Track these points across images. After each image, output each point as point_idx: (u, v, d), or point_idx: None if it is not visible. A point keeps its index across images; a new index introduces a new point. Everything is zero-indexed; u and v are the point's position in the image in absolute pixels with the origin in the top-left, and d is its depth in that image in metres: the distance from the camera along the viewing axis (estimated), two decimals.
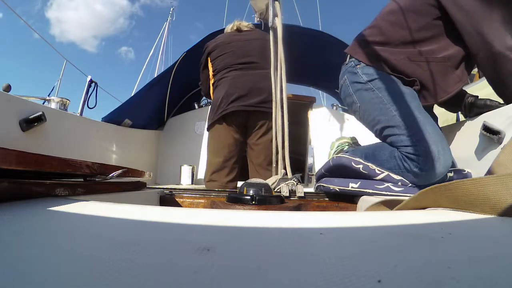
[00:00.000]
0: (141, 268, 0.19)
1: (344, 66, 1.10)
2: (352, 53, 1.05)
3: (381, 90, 0.92)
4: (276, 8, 1.12)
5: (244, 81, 1.40)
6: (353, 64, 1.03)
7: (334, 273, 0.18)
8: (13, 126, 0.75)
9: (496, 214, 0.32)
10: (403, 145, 0.82)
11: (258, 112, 1.36)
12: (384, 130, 0.89)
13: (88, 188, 0.56)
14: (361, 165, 0.84)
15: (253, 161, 1.42)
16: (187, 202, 0.84)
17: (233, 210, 0.41)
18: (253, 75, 1.42)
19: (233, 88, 1.39)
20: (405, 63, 0.95)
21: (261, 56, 1.43)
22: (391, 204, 0.55)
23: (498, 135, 0.84)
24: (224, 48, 1.50)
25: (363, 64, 1.00)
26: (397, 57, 0.96)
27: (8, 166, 0.37)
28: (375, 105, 0.92)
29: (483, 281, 0.17)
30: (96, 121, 1.37)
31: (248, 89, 1.37)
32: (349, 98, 1.03)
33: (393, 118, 0.87)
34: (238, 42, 1.50)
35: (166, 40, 17.11)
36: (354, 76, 1.01)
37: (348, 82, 1.03)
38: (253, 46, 1.49)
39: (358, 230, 0.30)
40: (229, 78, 1.43)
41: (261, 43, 1.47)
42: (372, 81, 0.95)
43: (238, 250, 0.23)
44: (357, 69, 1.01)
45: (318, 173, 1.04)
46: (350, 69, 1.04)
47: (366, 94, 0.96)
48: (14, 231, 0.27)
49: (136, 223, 0.32)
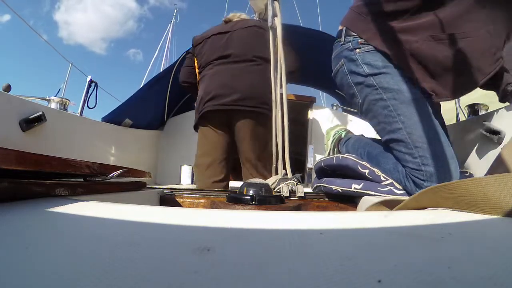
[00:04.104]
0: (141, 268, 0.19)
1: (338, 44, 0.87)
2: (352, 27, 0.81)
3: (386, 91, 0.76)
4: (276, 8, 1.11)
5: (221, 78, 1.29)
6: (351, 46, 0.81)
7: (334, 273, 0.18)
8: (13, 126, 0.75)
9: (496, 214, 0.32)
10: (408, 166, 0.72)
11: (237, 111, 1.25)
12: (388, 141, 0.79)
13: (88, 188, 0.56)
14: (368, 170, 0.80)
15: (245, 163, 1.34)
16: (187, 202, 0.84)
17: (233, 210, 0.41)
18: (231, 69, 1.29)
19: (210, 86, 1.29)
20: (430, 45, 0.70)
21: (242, 46, 1.31)
22: (391, 204, 0.55)
23: (498, 135, 0.84)
24: (206, 42, 1.39)
25: (366, 48, 0.78)
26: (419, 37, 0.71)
27: (8, 166, 0.37)
28: (379, 109, 0.78)
29: (483, 281, 0.17)
30: (96, 121, 1.37)
31: (224, 86, 1.26)
32: (349, 89, 0.86)
33: (398, 132, 0.74)
34: (220, 35, 1.38)
35: (171, 42, 17.15)
36: (353, 65, 0.82)
37: (346, 70, 0.84)
38: (233, 37, 1.35)
39: (358, 230, 0.30)
40: (208, 75, 1.33)
41: (243, 33, 1.34)
42: (375, 76, 0.77)
43: (238, 250, 0.23)
44: (357, 55, 0.80)
45: (317, 166, 0.98)
46: (347, 52, 0.83)
47: (369, 91, 0.80)
48: (14, 231, 0.27)
49: (136, 223, 0.32)
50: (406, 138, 0.73)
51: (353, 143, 1.02)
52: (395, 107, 0.75)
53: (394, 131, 0.76)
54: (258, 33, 1.34)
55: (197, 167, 1.39)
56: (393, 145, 0.77)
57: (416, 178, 0.71)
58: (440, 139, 0.73)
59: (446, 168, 0.70)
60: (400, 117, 0.74)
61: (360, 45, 0.80)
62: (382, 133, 0.81)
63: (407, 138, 0.73)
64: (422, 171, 0.70)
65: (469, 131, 0.99)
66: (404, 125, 0.73)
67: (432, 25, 0.71)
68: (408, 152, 0.73)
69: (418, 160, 0.71)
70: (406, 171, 0.74)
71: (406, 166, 0.73)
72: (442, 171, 0.69)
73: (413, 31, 0.72)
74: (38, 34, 2.92)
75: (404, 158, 0.74)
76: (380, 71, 0.77)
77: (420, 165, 0.70)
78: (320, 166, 0.96)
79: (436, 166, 0.69)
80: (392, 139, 0.77)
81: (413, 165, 0.72)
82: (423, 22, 0.72)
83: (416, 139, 0.72)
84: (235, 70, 1.29)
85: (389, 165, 0.79)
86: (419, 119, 0.73)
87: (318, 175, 1.00)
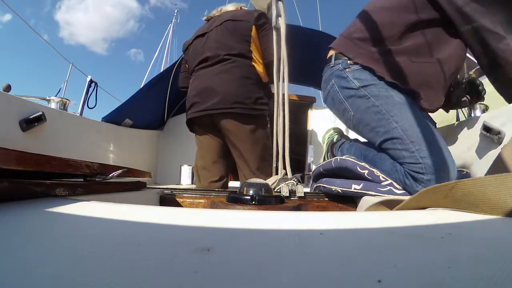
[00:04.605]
0: (141, 268, 0.19)
1: (328, 68, 0.97)
2: (343, 51, 0.91)
3: (377, 98, 0.82)
4: (280, 8, 1.11)
5: (200, 83, 1.27)
6: (340, 67, 0.91)
7: (334, 273, 0.18)
8: (13, 126, 0.75)
9: (496, 214, 0.32)
10: (406, 162, 0.75)
11: (218, 114, 1.22)
12: (384, 143, 0.81)
13: (88, 188, 0.56)
14: (367, 170, 0.80)
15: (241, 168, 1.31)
16: (187, 202, 0.84)
17: (233, 210, 0.41)
18: (210, 73, 1.26)
19: (191, 92, 1.29)
20: (408, 65, 0.84)
21: (215, 47, 1.27)
22: (391, 204, 0.55)
23: (498, 135, 0.84)
24: (190, 47, 1.38)
25: (355, 67, 0.88)
26: (400, 58, 0.84)
27: (8, 166, 0.37)
28: (371, 115, 0.83)
29: (483, 281, 0.17)
30: (96, 121, 1.37)
31: (202, 92, 1.25)
32: (340, 105, 0.92)
33: (393, 131, 0.78)
34: (199, 38, 1.35)
35: (171, 42, 17.15)
36: (344, 81, 0.89)
37: (337, 88, 0.91)
38: (209, 39, 1.31)
39: (358, 230, 0.30)
40: (191, 81, 1.34)
41: (216, 32, 1.29)
42: (365, 87, 0.85)
43: (238, 250, 0.23)
44: (347, 73, 0.88)
45: (316, 171, 0.98)
46: (337, 72, 0.92)
47: (360, 102, 0.86)
48: (14, 231, 0.27)
49: (136, 223, 0.32)
50: (402, 135, 0.77)
51: (348, 148, 1.03)
52: (388, 110, 0.81)
53: (389, 131, 0.79)
54: (230, 28, 1.29)
55: (195, 167, 1.41)
56: (389, 145, 0.80)
57: (415, 173, 0.72)
58: (433, 134, 0.77)
59: (443, 160, 0.72)
60: (394, 118, 0.79)
61: (349, 65, 0.89)
62: (376, 137, 0.84)
63: (403, 134, 0.77)
64: (421, 163, 0.72)
65: (469, 131, 0.99)
66: (398, 124, 0.78)
67: (408, 50, 0.85)
68: (404, 148, 0.75)
69: (416, 154, 0.73)
70: (404, 168, 0.75)
71: (404, 163, 0.75)
72: (440, 163, 0.72)
73: (396, 53, 0.85)
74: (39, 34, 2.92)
75: (401, 155, 0.76)
76: (370, 83, 0.85)
77: (417, 158, 0.73)
78: (319, 172, 0.96)
79: (433, 158, 0.72)
80: (387, 139, 0.80)
81: (410, 159, 0.74)
82: (402, 48, 0.85)
83: (411, 134, 0.76)
84: (211, 73, 1.26)
85: (387, 166, 0.80)
86: (411, 117, 0.78)
87: (315, 180, 0.99)
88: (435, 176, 0.71)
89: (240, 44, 1.25)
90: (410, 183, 0.73)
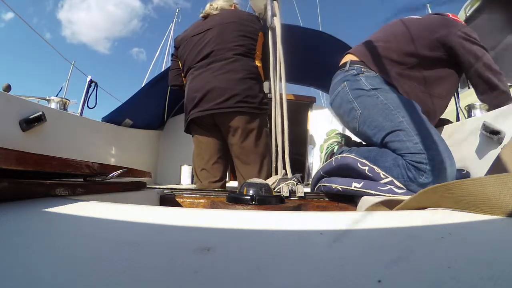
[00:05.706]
0: (141, 268, 0.19)
1: (342, 72, 1.03)
2: (362, 58, 1.01)
3: (386, 98, 0.90)
4: (275, 7, 1.11)
5: (201, 82, 1.25)
6: (354, 72, 0.98)
7: (334, 273, 0.18)
8: (13, 126, 0.75)
9: (496, 214, 0.32)
10: (408, 152, 0.78)
11: (220, 114, 1.21)
12: (388, 136, 0.85)
13: (88, 188, 0.56)
14: (367, 167, 0.81)
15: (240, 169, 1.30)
16: (187, 202, 0.84)
17: (233, 210, 0.41)
18: (211, 71, 1.24)
19: (192, 92, 1.26)
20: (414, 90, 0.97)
21: (218, 42, 1.26)
22: (391, 204, 0.55)
23: (498, 135, 0.84)
24: (186, 44, 1.34)
25: (369, 73, 0.96)
26: (411, 83, 0.97)
27: (8, 166, 0.37)
28: (379, 111, 0.89)
29: (483, 281, 0.17)
30: (96, 121, 1.37)
31: (205, 90, 1.22)
32: (348, 105, 0.98)
33: (400, 124, 0.83)
34: (198, 36, 1.32)
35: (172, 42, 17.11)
36: (356, 83, 0.97)
37: (348, 89, 0.98)
38: (210, 36, 1.28)
39: (358, 230, 0.30)
40: (189, 80, 1.30)
41: (219, 30, 1.28)
42: (376, 89, 0.93)
43: (238, 250, 0.23)
44: (360, 77, 0.96)
45: (316, 176, 0.98)
46: (350, 77, 0.99)
47: (370, 100, 0.92)
48: (14, 231, 0.27)
49: (136, 223, 0.32)
50: (407, 127, 0.82)
51: (349, 151, 1.03)
52: (395, 106, 0.87)
53: (396, 125, 0.84)
54: (235, 29, 1.28)
55: (193, 168, 1.40)
56: (393, 137, 0.84)
57: (418, 163, 0.75)
58: (436, 131, 0.83)
59: (444, 152, 0.76)
60: (401, 113, 0.85)
61: (363, 71, 0.98)
62: (381, 131, 0.87)
63: (408, 127, 0.82)
64: (424, 153, 0.76)
65: (469, 131, 0.99)
66: (405, 119, 0.84)
67: (418, 80, 0.99)
68: (409, 139, 0.80)
69: (420, 145, 0.77)
70: (406, 160, 0.77)
71: (407, 154, 0.78)
72: (441, 155, 0.75)
73: (408, 78, 0.98)
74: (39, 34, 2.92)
75: (405, 146, 0.79)
76: (380, 87, 0.93)
77: (421, 148, 0.77)
78: (319, 175, 0.96)
79: (435, 150, 0.76)
80: (392, 131, 0.84)
81: (414, 149, 0.77)
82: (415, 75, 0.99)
83: (416, 127, 0.81)
84: (214, 72, 1.24)
85: (388, 162, 0.82)
86: (417, 116, 0.85)
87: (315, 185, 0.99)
88: (437, 167, 0.74)
89: (245, 44, 1.26)
90: (413, 175, 0.75)
